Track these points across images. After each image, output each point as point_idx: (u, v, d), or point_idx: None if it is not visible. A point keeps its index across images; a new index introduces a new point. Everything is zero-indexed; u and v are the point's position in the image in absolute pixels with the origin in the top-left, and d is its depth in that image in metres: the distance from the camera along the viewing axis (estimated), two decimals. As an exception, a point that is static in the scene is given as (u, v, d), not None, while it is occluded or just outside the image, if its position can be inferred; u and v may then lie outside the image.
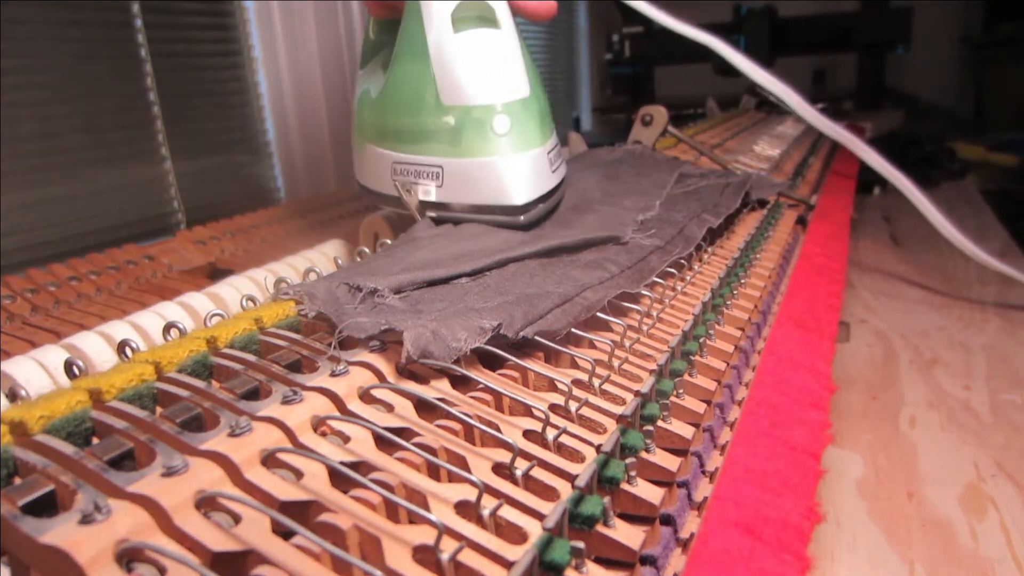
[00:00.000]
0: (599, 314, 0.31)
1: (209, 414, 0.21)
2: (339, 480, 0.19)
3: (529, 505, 0.20)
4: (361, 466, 0.20)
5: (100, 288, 0.49)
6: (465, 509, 0.19)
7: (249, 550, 0.16)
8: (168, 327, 0.27)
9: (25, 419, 0.19)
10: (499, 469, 0.21)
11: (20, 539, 0.16)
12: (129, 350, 0.25)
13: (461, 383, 0.26)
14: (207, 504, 0.18)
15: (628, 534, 0.20)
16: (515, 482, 0.21)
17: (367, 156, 0.45)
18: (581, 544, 0.18)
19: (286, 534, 0.17)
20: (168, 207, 0.98)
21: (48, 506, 0.17)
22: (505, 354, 0.26)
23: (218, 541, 0.16)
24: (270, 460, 0.19)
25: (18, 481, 0.18)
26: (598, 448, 0.23)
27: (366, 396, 0.24)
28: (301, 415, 0.21)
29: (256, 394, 0.23)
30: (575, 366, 0.28)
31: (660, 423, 0.26)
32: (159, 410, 0.22)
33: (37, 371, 0.27)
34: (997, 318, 0.63)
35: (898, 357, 0.56)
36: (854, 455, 0.42)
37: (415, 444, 0.21)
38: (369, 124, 0.44)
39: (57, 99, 0.83)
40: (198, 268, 0.57)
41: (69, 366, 0.24)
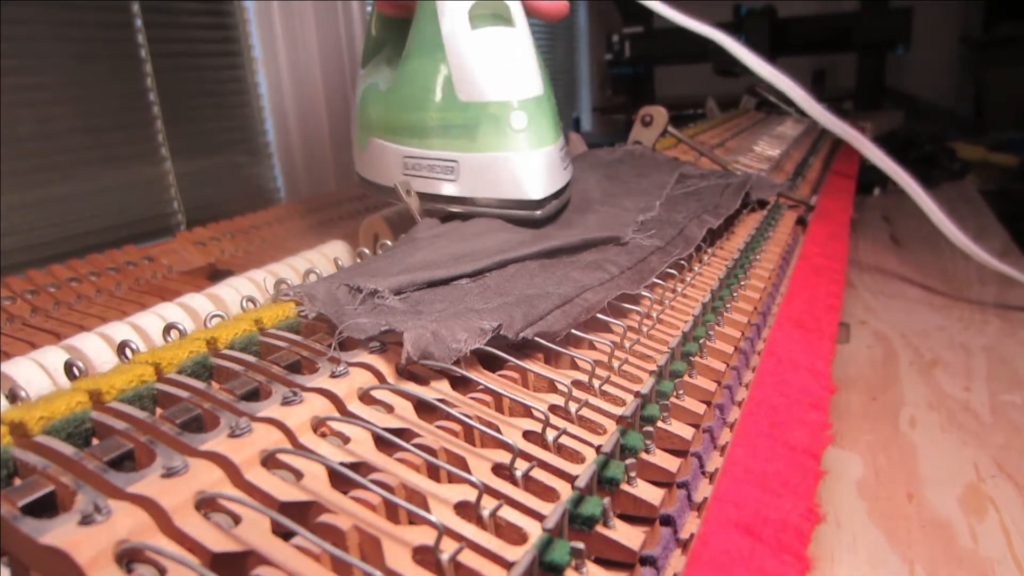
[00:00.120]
0: (599, 315, 0.31)
1: (209, 415, 0.21)
2: (339, 481, 0.19)
3: (529, 506, 0.20)
4: (361, 467, 0.20)
5: (100, 289, 0.49)
6: (465, 510, 0.19)
7: (249, 551, 0.16)
8: (168, 328, 0.27)
9: (25, 420, 0.19)
10: (499, 470, 0.21)
11: (20, 540, 0.16)
12: (129, 351, 0.25)
13: (461, 384, 0.26)
14: (207, 505, 0.18)
15: (628, 535, 0.20)
16: (515, 483, 0.21)
17: (372, 150, 0.45)
18: (581, 545, 0.18)
19: (286, 535, 0.17)
20: (168, 208, 0.98)
21: (48, 507, 0.17)
22: (505, 355, 0.26)
23: (218, 542, 0.16)
24: (270, 461, 0.19)
25: (18, 482, 0.18)
26: (598, 449, 0.23)
27: (366, 397, 0.24)
28: (301, 416, 0.21)
29: (256, 395, 0.23)
30: (575, 367, 0.28)
31: (660, 424, 0.26)
32: (159, 411, 0.22)
33: (37, 372, 0.27)
34: (997, 319, 0.63)
35: (898, 358, 0.56)
36: (854, 456, 0.42)
37: (415, 445, 0.21)
38: (376, 119, 0.45)
39: (57, 99, 0.83)
40: (198, 269, 0.57)
41: (69, 367, 0.24)
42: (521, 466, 0.21)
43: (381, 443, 0.21)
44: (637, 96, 1.92)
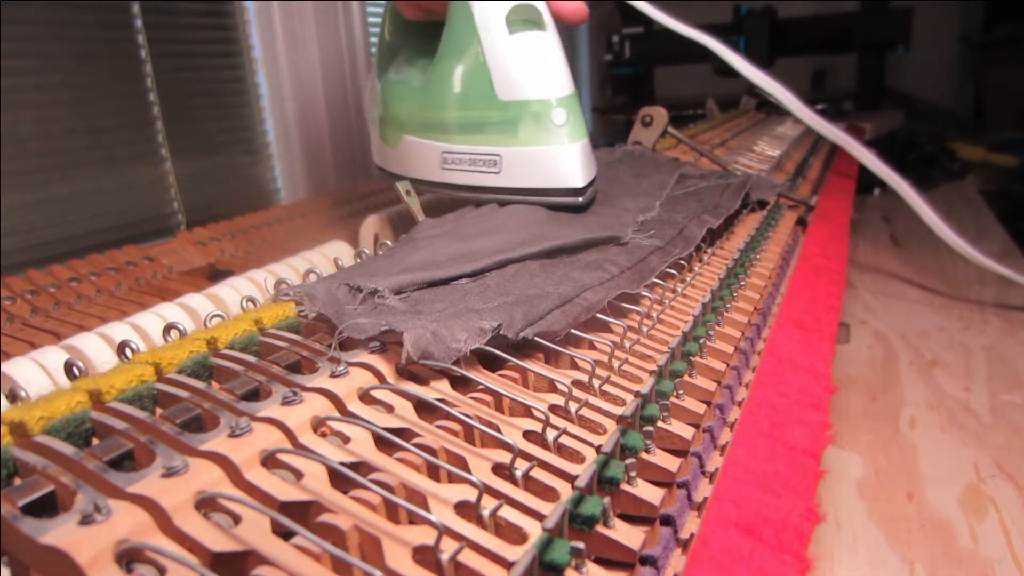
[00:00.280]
0: (599, 315, 0.31)
1: (209, 415, 0.21)
2: (339, 481, 0.19)
3: (529, 506, 0.20)
4: (361, 467, 0.20)
5: (100, 289, 0.49)
6: (465, 509, 0.19)
7: (249, 550, 0.16)
8: (168, 328, 0.27)
9: (25, 420, 0.19)
10: (499, 470, 0.21)
11: (20, 540, 0.16)
12: (129, 351, 0.25)
13: (461, 384, 0.26)
14: (207, 505, 0.18)
15: (628, 534, 0.20)
16: (515, 483, 0.21)
17: (406, 147, 0.48)
18: (581, 544, 0.18)
19: (286, 534, 0.17)
20: (168, 208, 0.98)
21: (48, 507, 0.17)
22: (505, 355, 0.26)
23: (218, 541, 0.16)
24: (270, 461, 0.19)
25: (18, 482, 0.18)
26: (598, 449, 0.23)
27: (366, 397, 0.24)
28: (301, 416, 0.21)
29: (256, 395, 0.23)
30: (575, 367, 0.28)
31: (660, 424, 0.26)
32: (159, 411, 0.22)
33: (37, 372, 0.27)
34: (997, 319, 0.63)
35: (898, 358, 0.56)
36: (854, 456, 0.42)
37: (415, 445, 0.21)
38: (409, 117, 0.48)
39: (57, 99, 0.83)
40: (198, 269, 0.57)
41: (69, 367, 0.24)
42: (521, 466, 0.21)
43: (381, 443, 0.21)
44: (637, 96, 1.92)
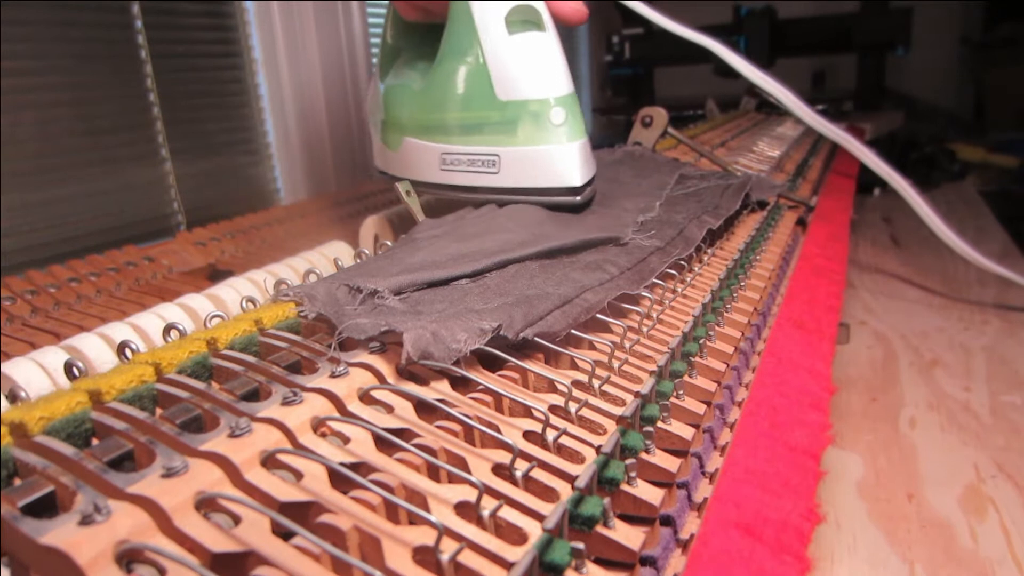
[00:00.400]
0: (599, 315, 0.31)
1: (209, 415, 0.21)
2: (339, 481, 0.19)
3: (529, 506, 0.20)
4: (361, 467, 0.20)
5: (100, 289, 0.49)
6: (465, 510, 0.19)
7: (249, 551, 0.16)
8: (168, 328, 0.27)
9: (25, 420, 0.19)
10: (499, 470, 0.21)
11: (20, 540, 0.16)
12: (129, 351, 0.25)
13: (461, 384, 0.26)
14: (207, 505, 0.18)
15: (628, 535, 0.20)
16: (515, 483, 0.21)
17: (407, 150, 0.48)
18: (581, 545, 0.18)
19: (286, 535, 0.17)
20: (168, 208, 0.98)
21: (48, 507, 0.17)
22: (505, 355, 0.26)
23: (218, 542, 0.16)
24: (270, 461, 0.19)
25: (18, 482, 0.18)
26: (598, 449, 0.23)
27: (366, 397, 0.24)
28: (301, 416, 0.21)
29: (256, 395, 0.23)
30: (575, 367, 0.28)
31: (660, 424, 0.26)
32: (159, 411, 0.22)
33: (37, 372, 0.27)
34: (997, 319, 0.63)
35: (898, 358, 0.56)
36: (854, 456, 0.42)
37: (415, 445, 0.21)
38: (409, 119, 0.48)
39: (57, 100, 0.83)
40: (198, 269, 0.57)
41: (69, 367, 0.24)
42: (521, 466, 0.21)
43: (381, 443, 0.21)
44: (637, 97, 1.92)
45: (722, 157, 0.72)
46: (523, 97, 0.42)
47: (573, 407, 0.25)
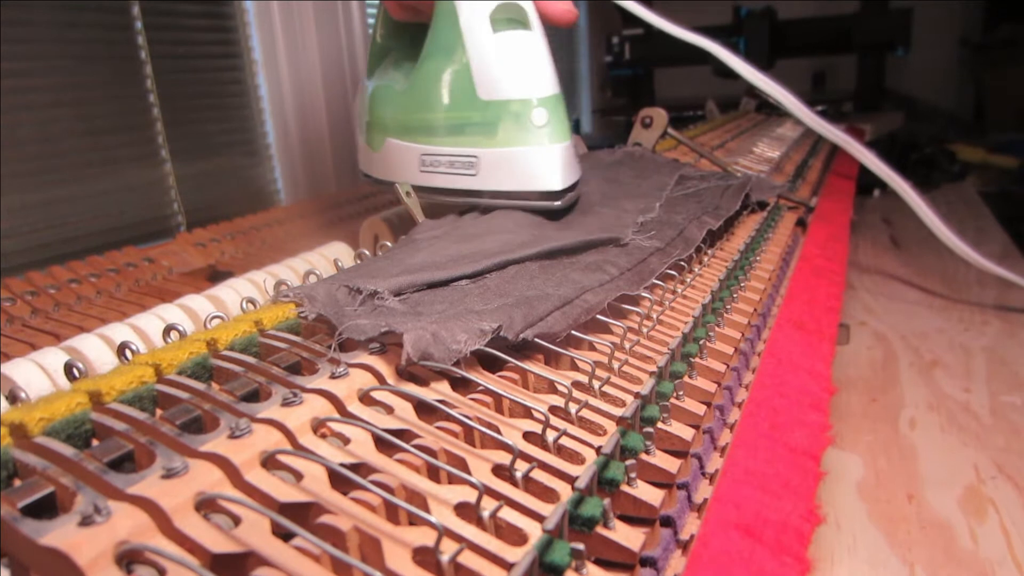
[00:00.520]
0: (599, 316, 0.31)
1: (209, 416, 0.21)
2: (339, 482, 0.19)
3: (529, 507, 0.20)
4: (361, 468, 0.20)
5: (100, 290, 0.49)
6: (465, 511, 0.19)
7: (249, 552, 0.16)
8: (168, 329, 0.27)
9: (25, 421, 0.19)
10: (499, 471, 0.21)
11: (20, 541, 0.16)
12: (129, 352, 0.25)
13: (461, 385, 0.26)
14: (207, 506, 0.18)
15: (628, 536, 0.20)
16: (515, 484, 0.21)
17: (388, 151, 0.47)
18: (581, 546, 0.18)
19: (286, 536, 0.17)
20: (168, 209, 0.98)
21: (48, 508, 0.17)
22: (505, 356, 0.26)
23: (218, 543, 0.16)
24: (270, 462, 0.19)
25: (18, 483, 0.18)
26: (598, 450, 0.23)
27: (366, 398, 0.24)
28: (301, 417, 0.21)
29: (256, 396, 0.23)
30: (575, 368, 0.28)
31: (660, 425, 0.26)
32: (159, 412, 0.22)
33: (37, 373, 0.27)
34: (997, 320, 0.63)
35: (898, 359, 0.56)
36: (854, 457, 0.42)
37: (415, 446, 0.21)
38: (392, 119, 0.47)
39: (57, 101, 0.83)
40: (198, 270, 0.57)
41: (69, 368, 0.24)
42: (521, 467, 0.21)
43: (381, 444, 0.21)
44: (637, 98, 1.92)
45: (722, 158, 0.72)
46: (505, 97, 0.41)
47: (573, 408, 0.25)
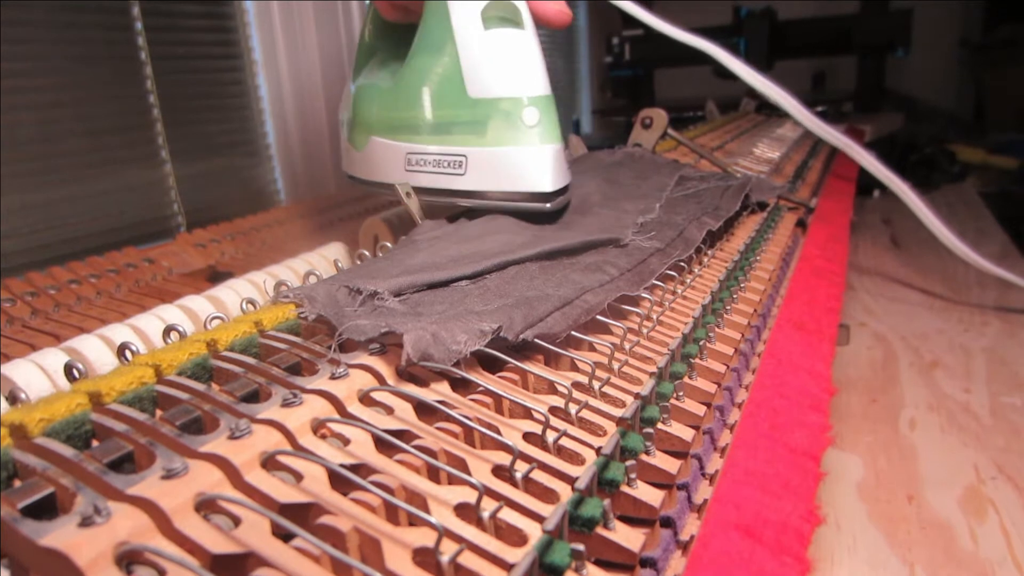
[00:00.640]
0: (599, 317, 0.31)
1: (209, 417, 0.21)
2: (339, 482, 0.19)
3: (529, 507, 0.20)
4: (361, 468, 0.20)
5: (100, 291, 0.49)
6: (465, 511, 0.19)
7: (249, 552, 0.16)
8: (168, 330, 0.27)
9: (25, 422, 0.19)
10: (499, 471, 0.21)
11: (20, 542, 0.16)
12: (129, 353, 0.25)
13: (461, 385, 0.26)
14: (207, 506, 0.18)
15: (628, 536, 0.20)
16: (515, 484, 0.21)
17: (372, 149, 0.46)
18: (581, 546, 0.18)
19: (286, 536, 0.17)
20: (168, 210, 0.98)
21: (48, 509, 0.17)
22: (505, 357, 0.26)
23: (218, 543, 0.16)
24: (270, 462, 0.19)
25: (18, 484, 0.18)
26: (598, 450, 0.23)
27: (366, 399, 0.24)
28: (301, 417, 0.21)
29: (256, 397, 0.23)
30: (575, 369, 0.28)
31: (660, 425, 0.26)
32: (159, 413, 0.22)
33: (37, 374, 0.27)
34: (997, 321, 0.63)
35: (898, 359, 0.56)
36: (854, 457, 0.42)
37: (415, 446, 0.21)
38: (377, 118, 0.46)
39: (57, 101, 0.83)
40: (198, 271, 0.57)
41: (69, 369, 0.24)
42: (521, 468, 0.21)
43: (381, 445, 0.21)
44: (637, 99, 1.92)
45: (722, 159, 0.72)
46: (495, 95, 0.40)
47: (573, 408, 0.25)
